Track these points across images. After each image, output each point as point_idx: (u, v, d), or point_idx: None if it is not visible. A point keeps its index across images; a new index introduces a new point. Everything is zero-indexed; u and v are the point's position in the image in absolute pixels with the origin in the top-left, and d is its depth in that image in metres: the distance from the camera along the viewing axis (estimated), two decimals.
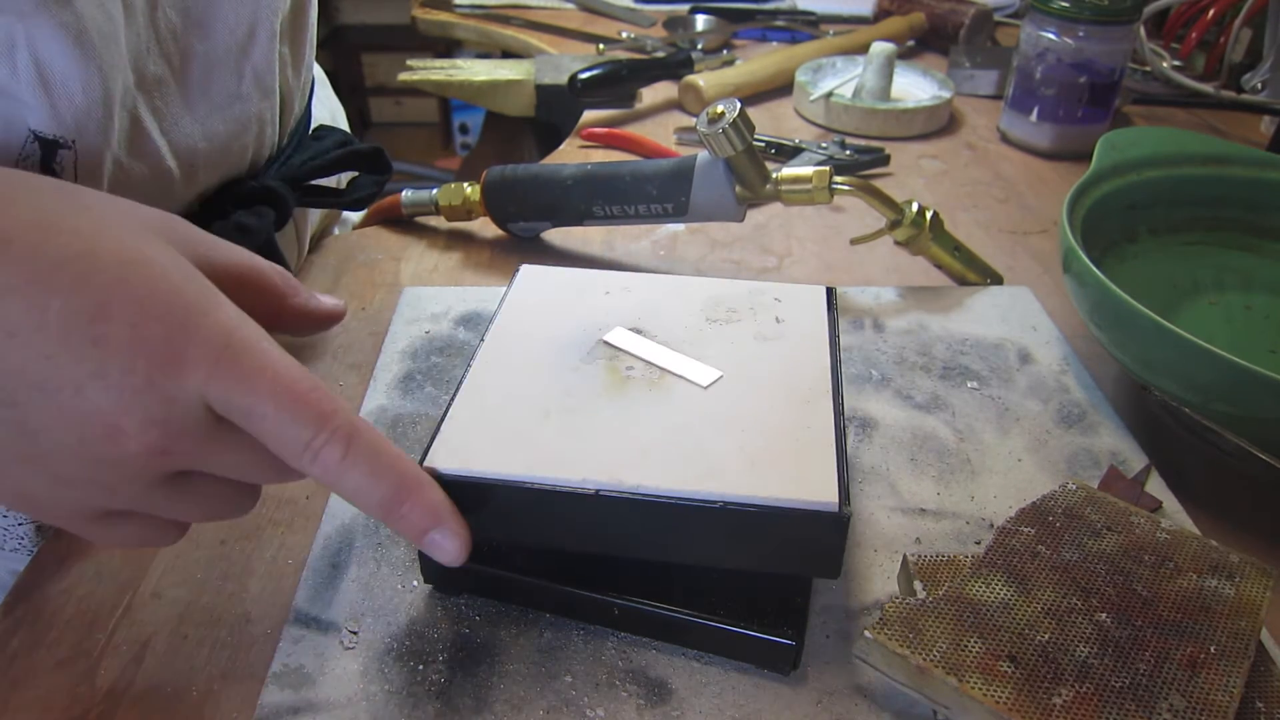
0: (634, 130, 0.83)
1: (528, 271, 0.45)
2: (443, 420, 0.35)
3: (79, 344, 0.26)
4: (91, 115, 0.38)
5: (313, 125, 0.60)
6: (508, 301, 0.43)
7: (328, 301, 0.36)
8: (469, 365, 0.38)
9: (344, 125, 0.73)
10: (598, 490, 0.32)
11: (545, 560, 0.36)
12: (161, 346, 0.27)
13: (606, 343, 0.39)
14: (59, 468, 0.27)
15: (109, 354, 0.26)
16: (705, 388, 0.36)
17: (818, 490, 0.32)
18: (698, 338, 0.39)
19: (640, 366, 0.38)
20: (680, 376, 0.37)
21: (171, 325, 0.27)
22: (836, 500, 0.32)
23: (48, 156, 0.37)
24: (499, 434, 0.34)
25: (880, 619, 0.33)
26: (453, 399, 0.36)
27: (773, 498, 0.32)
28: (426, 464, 0.32)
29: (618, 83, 0.86)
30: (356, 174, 0.59)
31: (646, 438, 0.34)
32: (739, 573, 0.36)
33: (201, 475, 0.29)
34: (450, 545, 0.31)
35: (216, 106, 0.46)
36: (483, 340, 0.40)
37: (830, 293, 0.43)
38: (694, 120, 0.85)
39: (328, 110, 0.71)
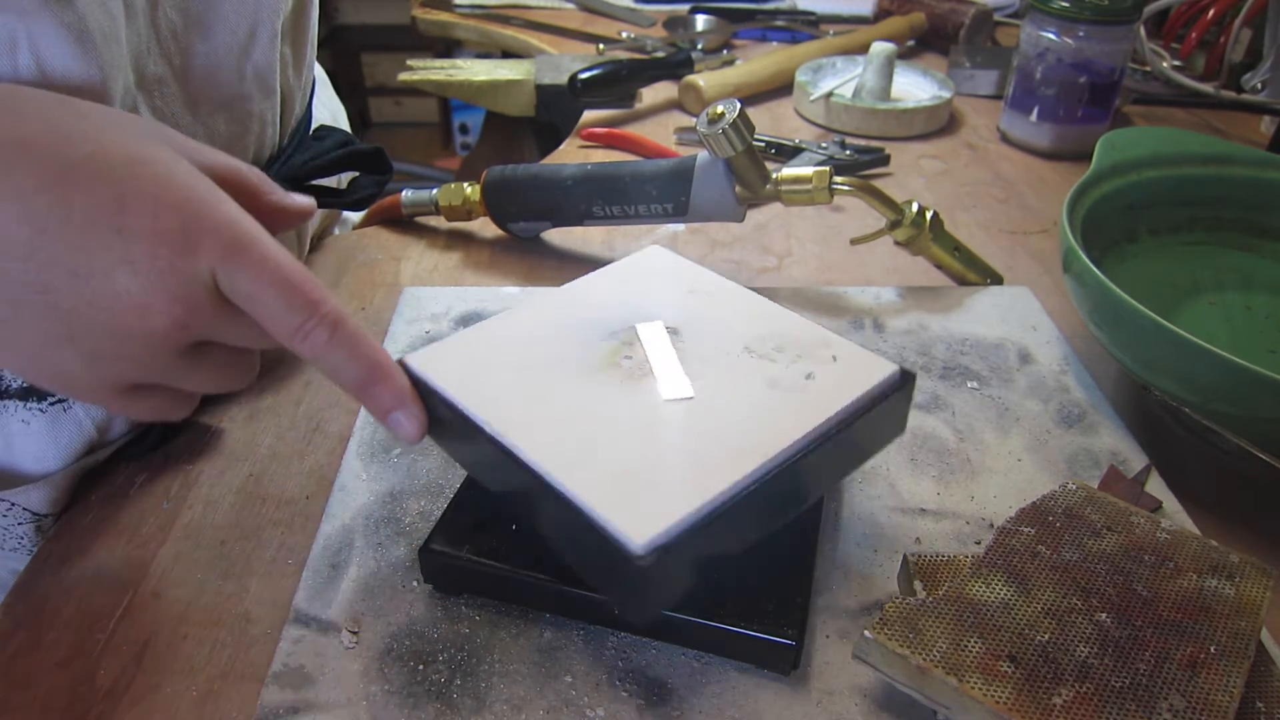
0: (634, 130, 0.83)
1: (654, 250, 0.46)
2: (447, 339, 0.39)
3: (105, 234, 0.29)
4: None
5: (313, 125, 0.60)
6: (608, 268, 0.45)
7: (299, 199, 0.38)
8: (513, 309, 0.41)
9: (345, 126, 0.73)
10: (491, 436, 0.34)
11: (545, 559, 0.36)
12: (179, 235, 0.30)
13: (635, 330, 0.40)
14: (92, 345, 0.30)
15: (133, 242, 0.30)
16: (665, 400, 0.36)
17: (638, 524, 0.30)
18: (719, 359, 0.38)
19: (637, 360, 0.38)
20: (656, 381, 0.37)
21: (186, 216, 0.30)
22: (645, 542, 0.29)
23: None
24: (473, 367, 0.37)
25: (880, 619, 0.33)
26: (473, 328, 0.40)
27: (589, 505, 0.31)
28: (401, 358, 0.37)
29: (618, 83, 0.86)
30: (356, 174, 0.59)
31: (577, 418, 0.35)
32: (739, 572, 0.36)
33: (211, 345, 0.33)
34: (409, 425, 0.35)
35: (218, 106, 0.46)
36: (551, 291, 0.43)
37: (907, 377, 0.37)
38: (694, 120, 0.85)
39: (329, 111, 0.71)
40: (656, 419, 0.35)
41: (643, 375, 0.37)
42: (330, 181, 0.60)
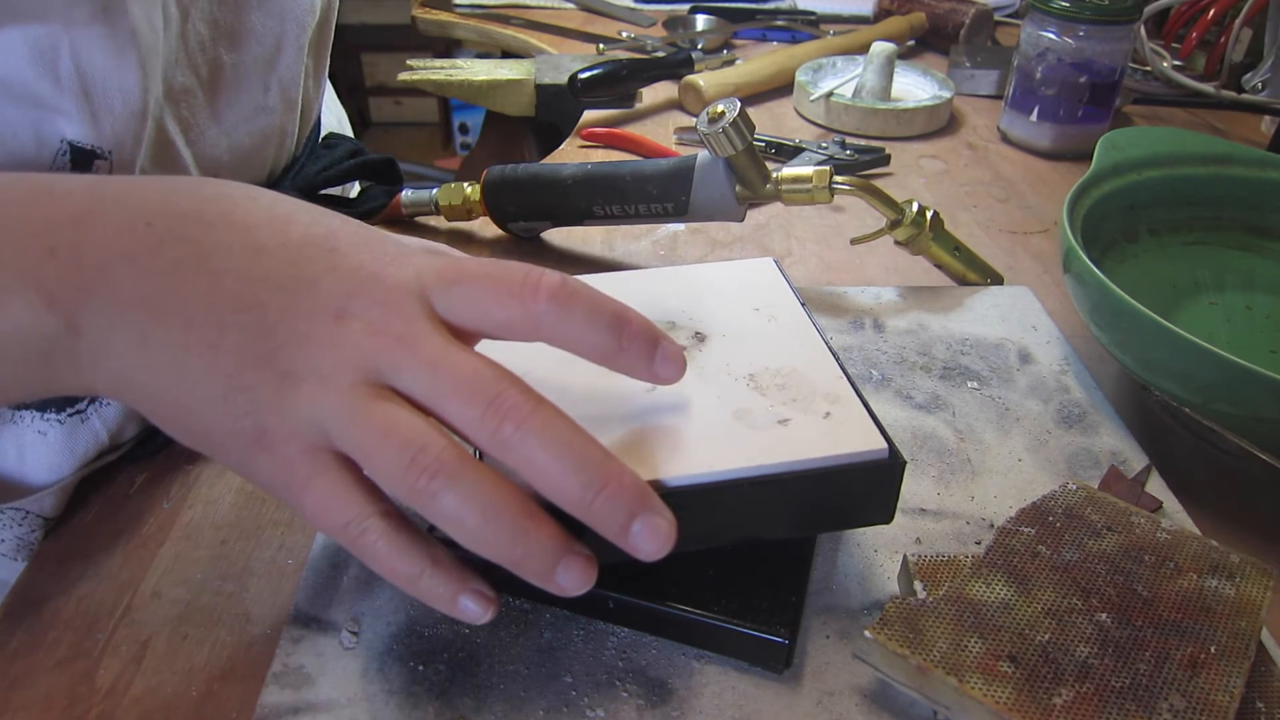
0: (634, 130, 0.83)
1: (763, 262, 0.45)
2: None
3: (317, 253, 0.30)
4: (129, 126, 0.38)
5: (322, 132, 0.60)
6: (706, 265, 0.45)
7: None
8: (601, 276, 0.42)
9: (348, 129, 0.74)
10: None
11: None
12: (382, 255, 0.31)
13: (669, 324, 0.40)
14: (287, 360, 0.29)
15: (341, 256, 0.30)
16: (626, 395, 0.35)
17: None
18: (716, 377, 0.37)
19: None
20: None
21: (389, 249, 0.31)
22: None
23: (82, 167, 0.37)
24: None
25: (880, 619, 0.33)
26: None
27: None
28: None
29: (618, 83, 0.86)
30: (363, 182, 0.59)
31: (561, 390, 0.34)
32: (735, 569, 0.36)
33: (401, 400, 0.29)
34: (655, 537, 0.29)
35: (242, 118, 0.46)
36: (638, 272, 0.44)
37: (892, 463, 0.35)
38: (694, 120, 0.85)
39: (334, 115, 0.71)
40: (613, 411, 0.34)
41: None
42: (335, 190, 0.61)
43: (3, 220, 0.29)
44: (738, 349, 0.38)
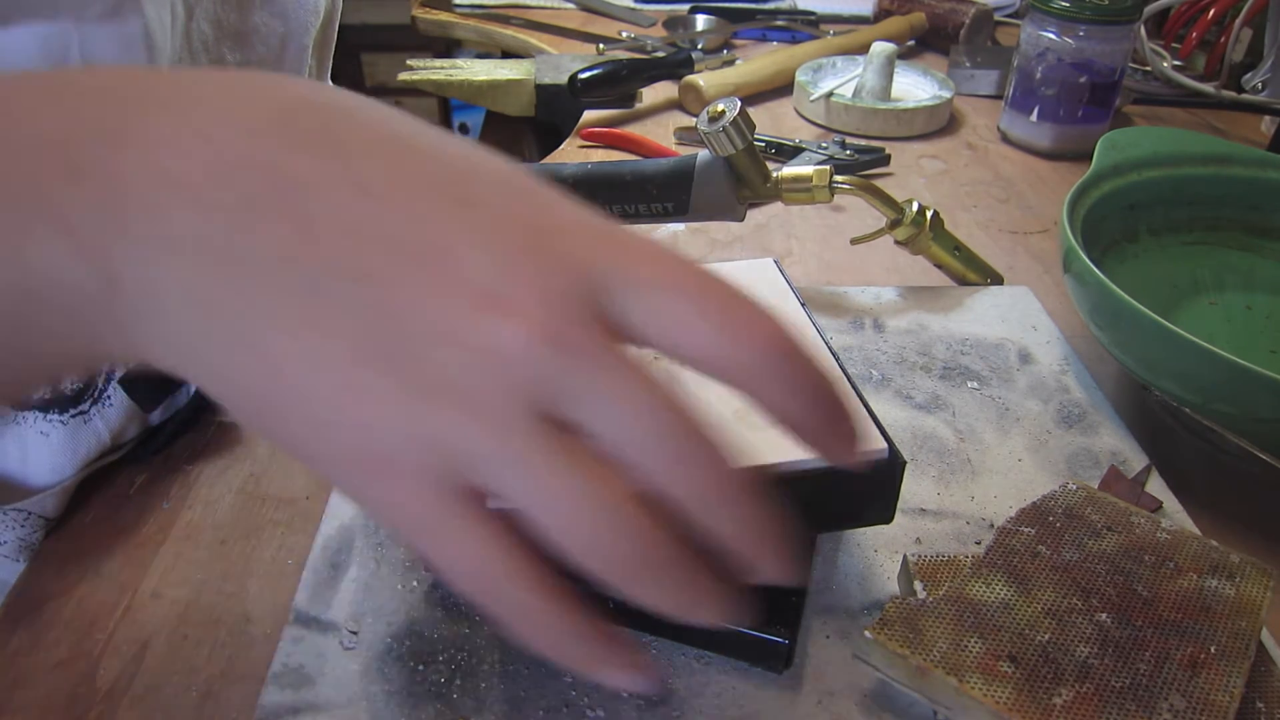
0: (634, 130, 0.83)
1: (765, 262, 0.45)
2: None
3: (448, 204, 0.22)
4: None
5: None
6: (713, 265, 0.44)
7: None
8: None
9: None
10: None
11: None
12: (535, 216, 0.22)
13: None
14: (413, 365, 0.21)
15: (482, 214, 0.22)
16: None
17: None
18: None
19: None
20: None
21: (547, 203, 0.23)
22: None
23: None
24: None
25: (880, 619, 0.33)
26: None
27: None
28: None
29: (618, 83, 0.86)
30: None
31: None
32: None
33: (574, 434, 0.21)
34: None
35: None
36: None
37: (893, 463, 0.35)
38: (694, 120, 0.85)
39: None
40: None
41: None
42: None
43: (6, 128, 0.22)
44: None
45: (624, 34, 1.06)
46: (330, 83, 0.63)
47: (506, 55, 1.14)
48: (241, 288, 0.21)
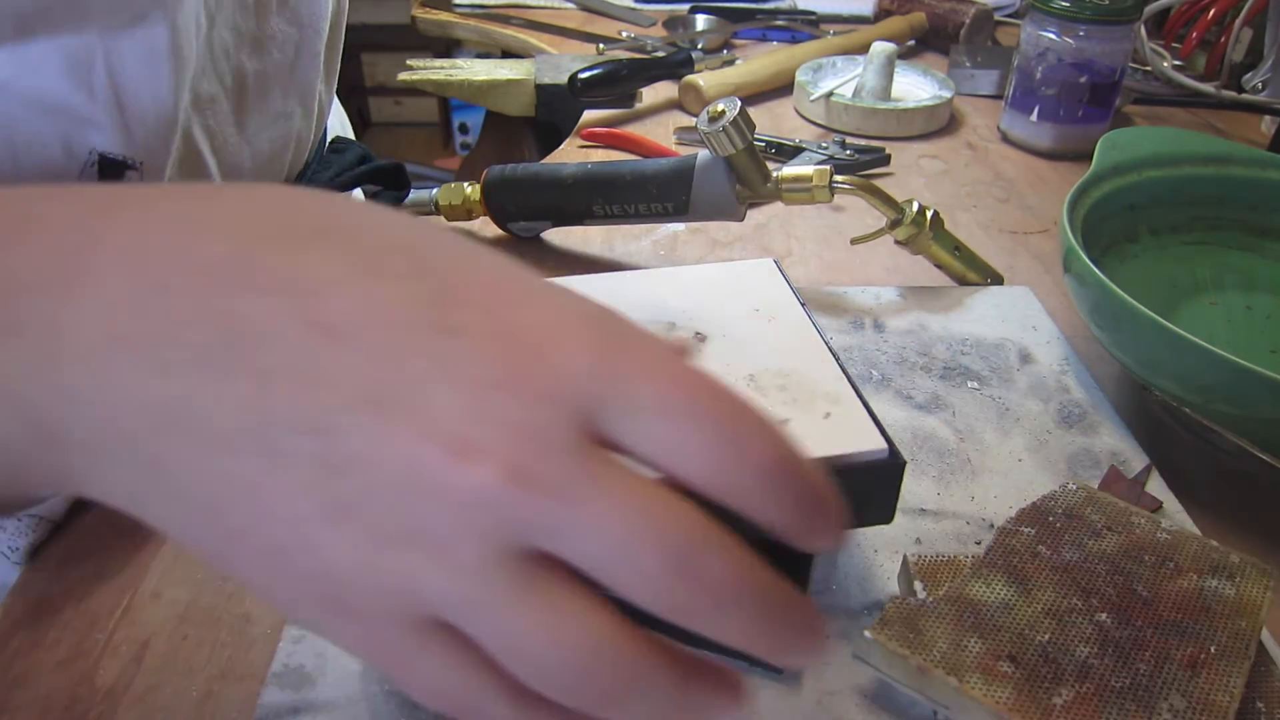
0: (634, 130, 0.83)
1: (764, 262, 0.45)
2: None
3: (423, 336, 0.20)
4: (160, 135, 0.37)
5: (329, 137, 0.60)
6: (708, 266, 0.45)
7: None
8: (598, 276, 0.42)
9: (349, 131, 0.74)
10: None
11: None
12: (524, 330, 0.20)
13: (669, 325, 0.40)
14: (375, 516, 0.19)
15: (460, 344, 0.20)
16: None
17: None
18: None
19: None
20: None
21: (530, 313, 0.21)
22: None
23: (112, 178, 0.37)
24: None
25: (880, 619, 0.33)
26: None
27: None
28: None
29: (618, 83, 0.86)
30: (369, 188, 0.59)
31: None
32: None
33: (556, 569, 0.20)
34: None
35: (264, 125, 0.46)
36: (641, 273, 0.44)
37: (893, 463, 0.35)
38: (694, 120, 0.85)
39: (337, 118, 0.71)
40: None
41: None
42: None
43: None
44: (738, 349, 0.38)
45: (624, 34, 1.06)
46: (335, 90, 0.63)
47: (506, 55, 1.14)
48: (193, 450, 0.20)
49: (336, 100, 0.75)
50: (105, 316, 0.20)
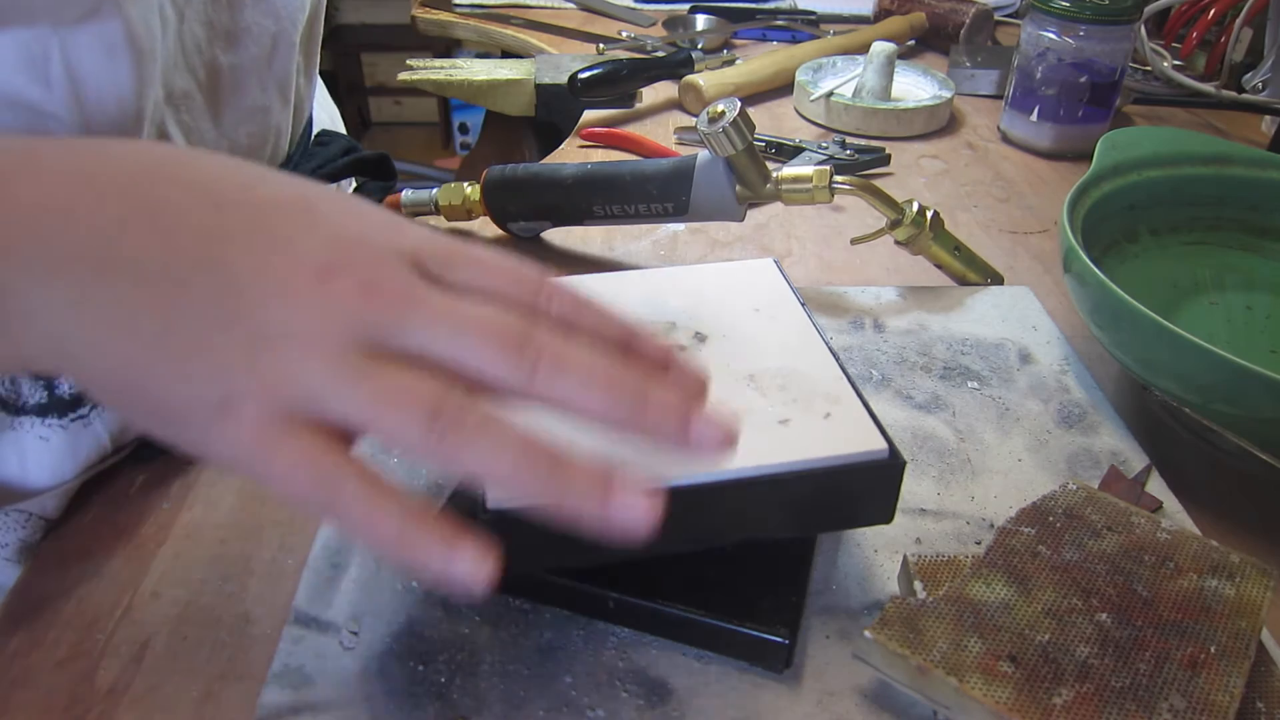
0: (634, 130, 0.83)
1: (765, 262, 0.45)
2: None
3: (295, 209, 0.27)
4: (123, 129, 0.37)
5: (315, 130, 0.60)
6: (710, 266, 0.45)
7: None
8: (602, 276, 0.43)
9: (341, 128, 0.74)
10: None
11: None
12: (371, 222, 0.28)
13: (670, 325, 0.40)
14: (259, 321, 0.25)
15: (319, 217, 0.27)
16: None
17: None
18: (717, 378, 0.34)
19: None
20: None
21: (379, 218, 0.28)
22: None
23: None
24: None
25: (880, 619, 0.33)
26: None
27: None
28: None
29: (618, 83, 0.86)
30: (357, 179, 0.59)
31: None
32: (735, 569, 0.36)
33: (400, 362, 0.26)
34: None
35: (240, 119, 0.46)
36: (643, 272, 0.44)
37: (893, 463, 0.35)
38: (694, 120, 0.85)
39: (327, 113, 0.71)
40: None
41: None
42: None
43: None
44: (738, 349, 0.38)
45: (624, 34, 1.06)
46: (320, 80, 0.63)
47: (506, 55, 1.14)
48: (113, 284, 0.25)
49: (328, 96, 0.75)
50: (42, 197, 0.26)
